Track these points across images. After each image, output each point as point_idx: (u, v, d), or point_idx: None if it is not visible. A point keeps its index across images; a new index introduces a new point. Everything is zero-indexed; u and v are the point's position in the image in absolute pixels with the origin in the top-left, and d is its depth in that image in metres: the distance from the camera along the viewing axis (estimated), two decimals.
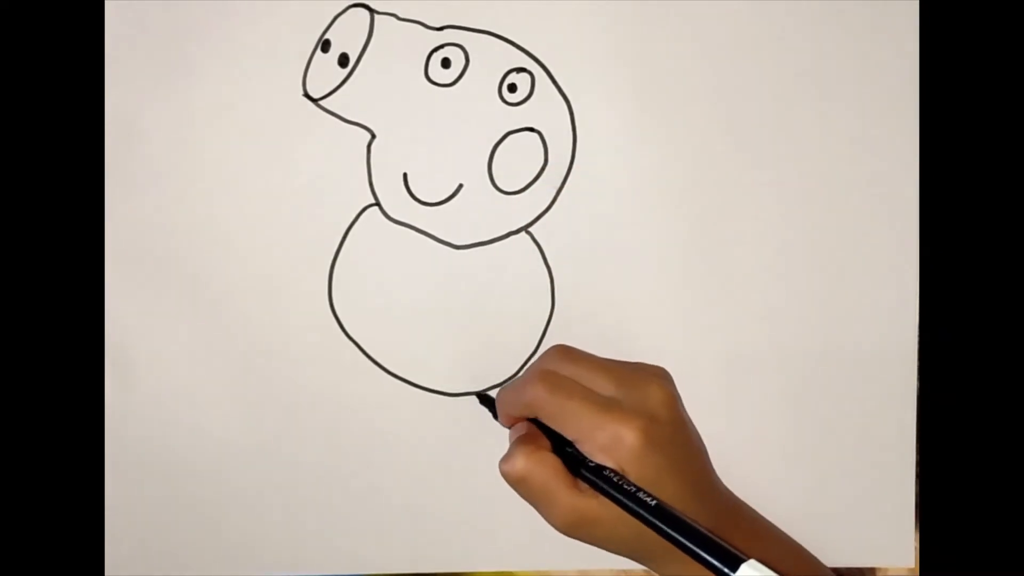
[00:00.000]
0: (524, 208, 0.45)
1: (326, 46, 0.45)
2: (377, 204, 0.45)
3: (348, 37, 0.45)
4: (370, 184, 0.45)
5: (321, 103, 0.45)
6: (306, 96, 0.45)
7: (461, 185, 0.45)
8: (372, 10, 0.45)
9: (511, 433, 0.43)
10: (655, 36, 0.45)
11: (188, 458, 0.46)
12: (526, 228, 0.45)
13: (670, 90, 0.45)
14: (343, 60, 0.45)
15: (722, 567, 0.34)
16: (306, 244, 0.46)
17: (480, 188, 0.45)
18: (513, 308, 0.46)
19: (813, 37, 0.45)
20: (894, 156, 0.45)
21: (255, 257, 0.46)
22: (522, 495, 0.41)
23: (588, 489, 0.39)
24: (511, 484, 0.41)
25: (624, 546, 0.41)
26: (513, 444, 0.41)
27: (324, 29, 0.45)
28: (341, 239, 0.45)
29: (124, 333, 0.46)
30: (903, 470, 0.46)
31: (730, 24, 0.45)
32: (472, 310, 0.46)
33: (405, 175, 0.45)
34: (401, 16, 0.45)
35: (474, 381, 0.46)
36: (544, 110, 0.45)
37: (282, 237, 0.46)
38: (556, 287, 0.46)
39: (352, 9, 0.45)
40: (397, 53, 0.45)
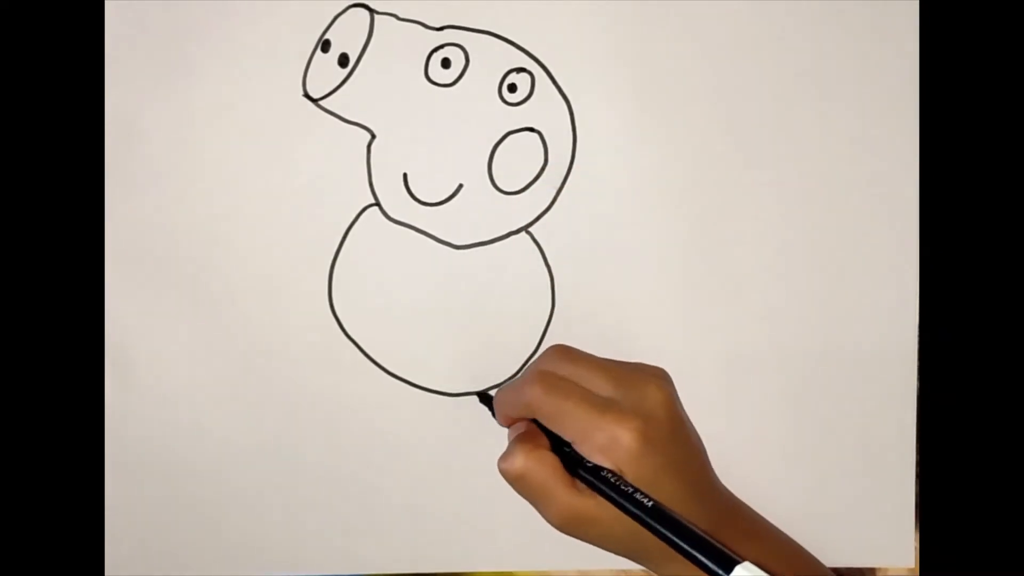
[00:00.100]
0: (524, 208, 0.45)
1: (326, 46, 0.45)
2: (377, 204, 0.45)
3: (348, 37, 0.45)
4: (370, 184, 0.45)
5: (321, 103, 0.45)
6: (306, 96, 0.45)
7: (461, 185, 0.45)
8: (372, 10, 0.45)
9: (510, 432, 0.43)
10: (655, 36, 0.45)
11: (188, 458, 0.46)
12: (526, 228, 0.45)
13: (670, 90, 0.45)
14: (343, 60, 0.45)
15: (716, 569, 0.34)
16: (306, 244, 0.46)
17: (480, 188, 0.45)
18: (513, 308, 0.46)
19: (813, 37, 0.45)
20: (894, 156, 0.45)
21: (255, 257, 0.46)
22: (520, 493, 0.41)
23: (586, 488, 0.39)
24: (509, 482, 0.41)
25: (621, 546, 0.41)
26: (512, 442, 0.41)
27: (324, 29, 0.45)
28: (341, 239, 0.45)
29: (124, 333, 0.46)
30: (903, 470, 0.46)
31: (730, 24, 0.45)
32: (472, 310, 0.46)
33: (405, 175, 0.45)
34: (401, 16, 0.45)
35: (474, 381, 0.46)
36: (544, 110, 0.45)
37: (282, 237, 0.46)
38: (556, 287, 0.46)
39: (352, 9, 0.45)
40: (397, 53, 0.45)
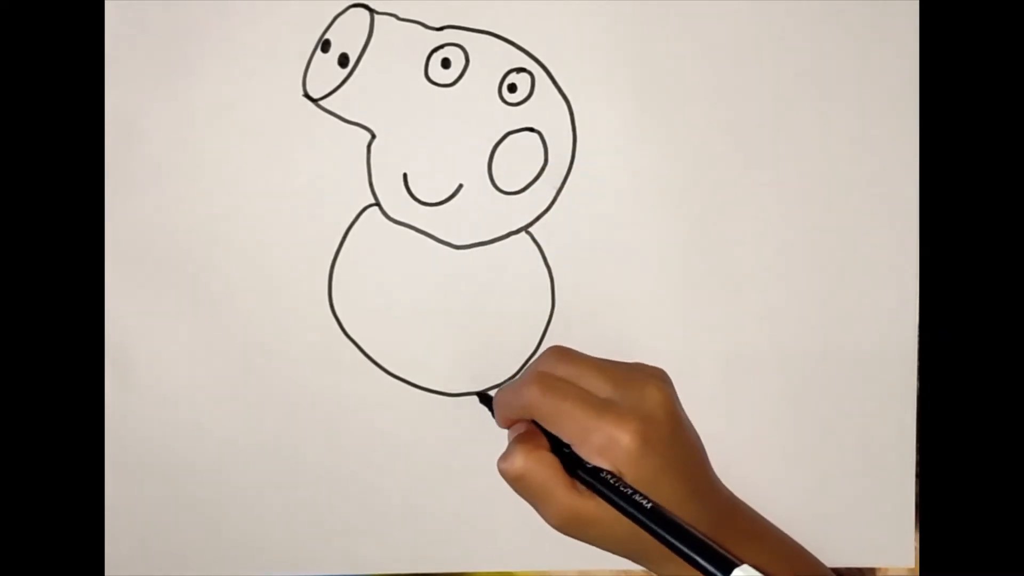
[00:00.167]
0: (524, 208, 0.45)
1: (326, 46, 0.45)
2: (377, 204, 0.45)
3: (348, 37, 0.45)
4: (370, 184, 0.45)
5: (321, 103, 0.45)
6: (306, 96, 0.45)
7: (461, 185, 0.45)
8: (372, 10, 0.45)
9: (509, 433, 0.43)
10: (655, 36, 0.45)
11: (188, 458, 0.46)
12: (526, 228, 0.45)
13: (670, 90, 0.45)
14: (343, 60, 0.45)
15: (715, 571, 0.34)
16: (306, 244, 0.46)
17: (480, 188, 0.45)
18: (513, 308, 0.46)
19: (813, 37, 0.45)
20: (894, 156, 0.45)
21: (255, 257, 0.46)
22: (519, 493, 0.41)
23: (585, 489, 0.39)
24: (509, 482, 0.41)
25: (621, 546, 0.41)
26: (512, 442, 0.41)
27: (324, 29, 0.45)
28: (341, 239, 0.45)
29: (124, 333, 0.46)
30: (903, 470, 0.46)
31: (730, 24, 0.45)
32: (472, 310, 0.46)
33: (405, 175, 0.45)
34: (401, 16, 0.45)
35: (474, 381, 0.46)
36: (544, 110, 0.45)
37: (282, 237, 0.46)
38: (556, 287, 0.46)
39: (352, 9, 0.45)
40: (397, 53, 0.45)
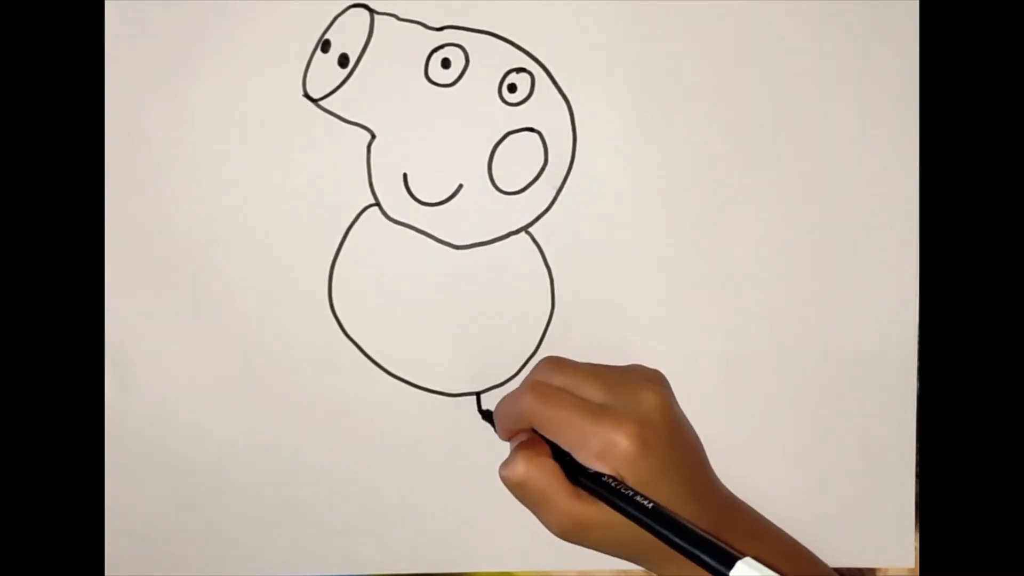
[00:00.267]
0: (524, 208, 0.45)
1: (326, 46, 0.45)
2: (377, 204, 0.45)
3: (348, 37, 0.45)
4: (370, 184, 0.45)
5: (321, 103, 0.45)
6: (306, 96, 0.45)
7: (461, 185, 0.45)
8: (372, 10, 0.45)
9: (512, 443, 0.43)
10: (655, 36, 0.45)
11: (188, 458, 0.46)
12: (526, 228, 0.45)
13: (670, 90, 0.45)
14: (343, 60, 0.45)
15: (718, 566, 0.34)
16: (306, 244, 0.46)
17: (480, 188, 0.45)
18: (513, 308, 0.46)
19: (813, 37, 0.45)
20: (894, 156, 0.45)
21: (255, 257, 0.46)
22: (521, 500, 0.41)
23: (586, 495, 0.39)
24: (510, 489, 0.41)
25: (624, 549, 0.41)
26: (513, 450, 0.41)
27: (324, 29, 0.45)
28: (341, 239, 0.45)
29: (124, 333, 0.46)
30: (903, 470, 0.46)
31: (730, 24, 0.45)
32: (472, 310, 0.46)
33: (405, 175, 0.45)
34: (401, 16, 0.45)
35: (474, 381, 0.46)
36: (544, 110, 0.45)
37: (282, 237, 0.46)
38: (556, 287, 0.46)
39: (352, 9, 0.45)
40: (397, 53, 0.45)
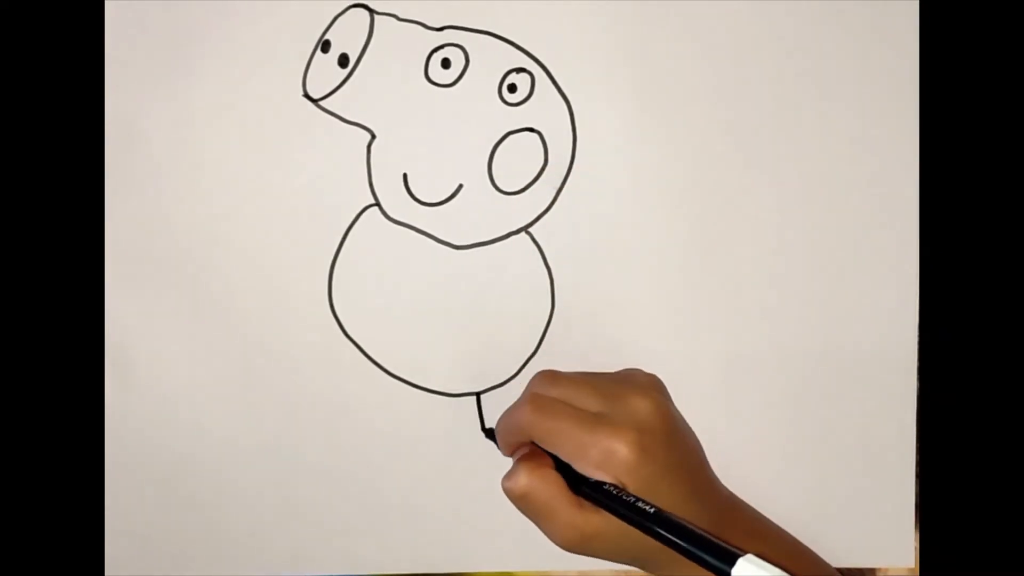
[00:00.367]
0: (524, 208, 0.45)
1: (326, 46, 0.45)
2: (377, 204, 0.45)
3: (348, 37, 0.45)
4: (370, 184, 0.45)
5: (321, 103, 0.45)
6: (306, 96, 0.45)
7: (461, 185, 0.45)
8: (372, 10, 0.45)
9: (514, 457, 0.43)
10: (655, 36, 0.45)
11: (188, 458, 0.46)
12: (526, 228, 0.45)
13: (670, 90, 0.45)
14: (343, 60, 0.45)
15: (720, 564, 0.35)
16: (306, 244, 0.46)
17: (480, 188, 0.45)
18: (513, 308, 0.46)
19: (813, 37, 0.45)
20: (894, 156, 0.45)
21: (255, 257, 0.46)
22: (524, 513, 0.41)
23: (589, 505, 0.39)
24: (514, 502, 0.41)
25: (629, 555, 0.41)
26: (516, 462, 0.41)
27: (324, 29, 0.45)
28: (341, 239, 0.45)
29: (124, 333, 0.46)
30: (903, 470, 0.46)
31: (730, 24, 0.45)
32: (472, 310, 0.46)
33: (405, 175, 0.45)
34: (401, 16, 0.45)
35: (474, 381, 0.46)
36: (544, 110, 0.45)
37: (282, 237, 0.46)
38: (556, 287, 0.46)
39: (352, 9, 0.45)
40: (397, 53, 0.45)
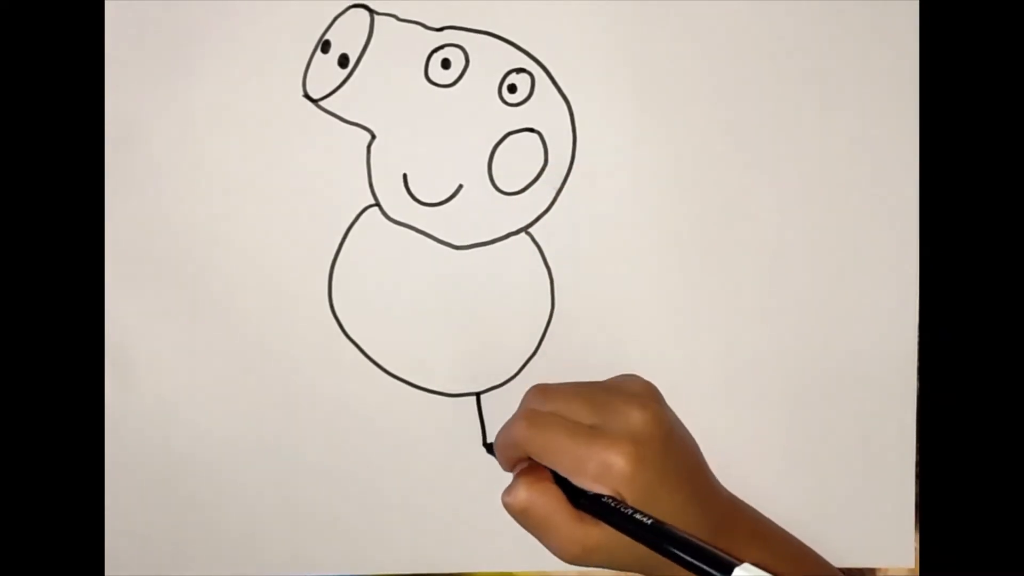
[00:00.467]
0: (524, 208, 0.45)
1: (326, 47, 0.45)
2: (377, 204, 0.45)
3: (348, 38, 0.45)
4: (370, 184, 0.45)
5: (321, 103, 0.45)
6: (306, 96, 0.45)
7: (461, 185, 0.45)
8: (372, 11, 0.45)
9: (514, 471, 0.43)
10: (655, 36, 0.45)
11: (188, 458, 0.46)
12: (526, 228, 0.45)
13: (670, 90, 0.45)
14: (343, 61, 0.45)
15: (716, 574, 0.35)
16: (306, 244, 0.46)
17: (480, 188, 0.45)
18: (513, 308, 0.46)
19: (813, 37, 0.45)
20: (894, 156, 0.45)
21: (255, 257, 0.46)
22: (525, 527, 0.41)
23: (589, 517, 0.39)
24: (514, 516, 0.41)
25: (630, 566, 0.41)
26: (515, 476, 0.41)
27: (324, 30, 0.45)
28: (341, 239, 0.45)
29: (124, 333, 0.46)
30: (903, 470, 0.46)
31: (730, 24, 0.45)
32: (472, 310, 0.46)
33: (405, 175, 0.45)
34: (401, 17, 0.45)
35: (474, 381, 0.46)
36: (544, 110, 0.45)
37: (282, 237, 0.46)
38: (556, 287, 0.46)
39: (352, 10, 0.45)
40: (397, 54, 0.45)
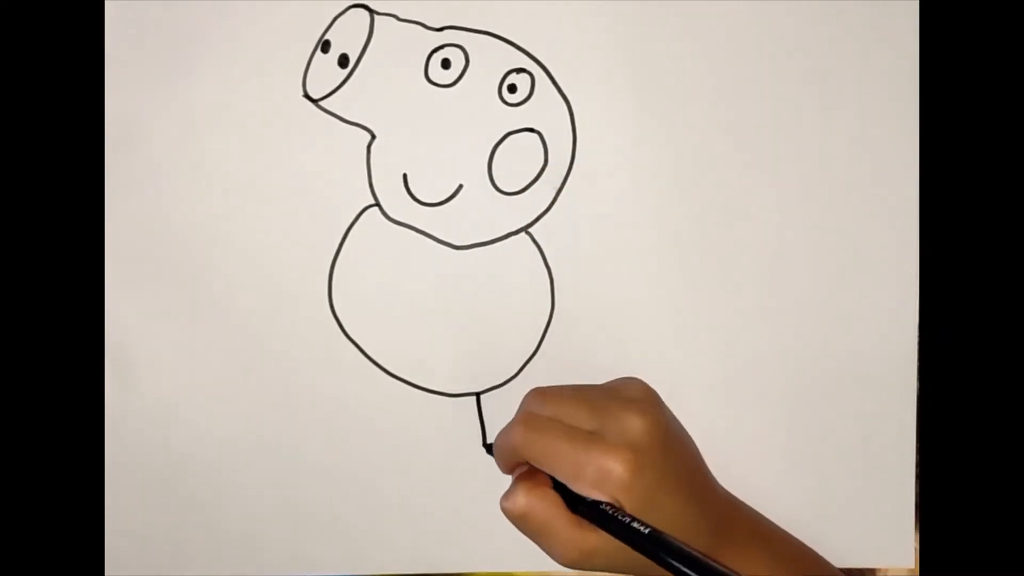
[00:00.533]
0: (524, 208, 0.45)
1: (326, 47, 0.45)
2: (377, 204, 0.45)
3: (348, 38, 0.45)
4: (370, 184, 0.45)
5: (321, 103, 0.45)
6: (306, 96, 0.45)
7: (461, 185, 0.45)
8: (372, 11, 0.45)
9: (513, 475, 0.42)
10: (655, 36, 0.45)
11: (188, 458, 0.46)
12: (526, 228, 0.45)
13: (670, 90, 0.45)
14: (343, 60, 0.45)
15: None
16: (306, 244, 0.46)
17: (480, 188, 0.45)
18: (513, 308, 0.46)
19: (813, 37, 0.45)
20: (894, 156, 0.45)
21: (255, 257, 0.46)
22: (524, 532, 0.41)
23: (587, 523, 0.39)
24: (512, 521, 0.40)
25: (629, 571, 0.41)
26: (514, 481, 0.41)
27: (324, 29, 0.45)
28: (341, 239, 0.45)
29: (124, 333, 0.46)
30: (903, 470, 0.46)
31: (730, 24, 0.45)
32: (472, 310, 0.46)
33: (405, 175, 0.45)
34: (401, 17, 0.45)
35: (474, 381, 0.46)
36: (544, 110, 0.45)
37: (282, 237, 0.46)
38: (556, 287, 0.46)
39: (352, 10, 0.45)
40: (397, 54, 0.45)
